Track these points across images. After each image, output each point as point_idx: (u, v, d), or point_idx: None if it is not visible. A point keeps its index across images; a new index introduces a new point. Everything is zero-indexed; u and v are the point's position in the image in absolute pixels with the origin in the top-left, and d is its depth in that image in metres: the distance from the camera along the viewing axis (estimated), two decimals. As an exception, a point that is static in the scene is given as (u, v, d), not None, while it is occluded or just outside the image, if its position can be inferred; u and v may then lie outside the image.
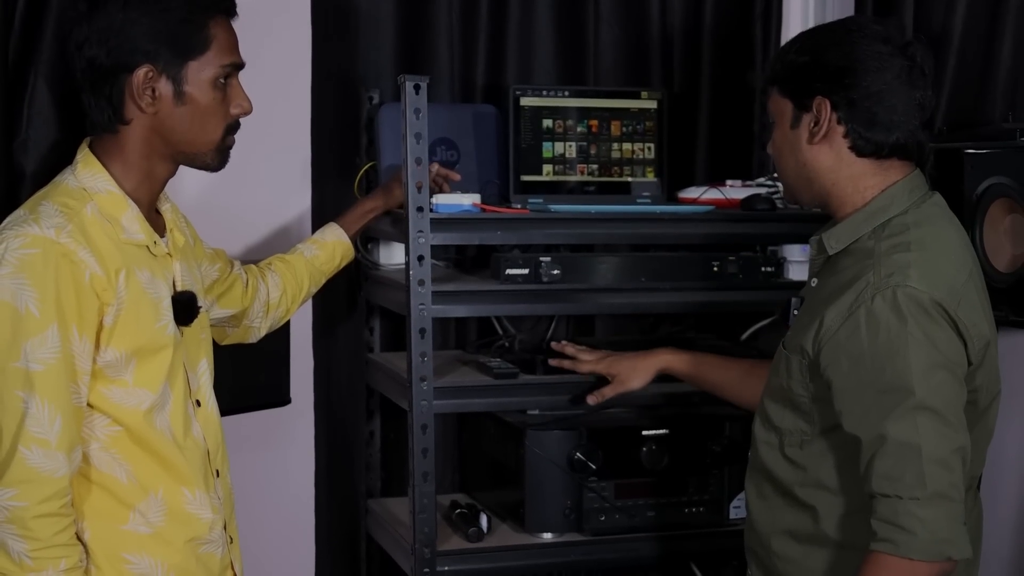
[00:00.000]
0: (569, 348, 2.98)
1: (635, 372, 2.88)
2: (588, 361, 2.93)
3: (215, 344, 2.50)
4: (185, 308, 2.30)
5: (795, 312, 2.39)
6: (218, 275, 2.65)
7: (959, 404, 2.11)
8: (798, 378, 2.26)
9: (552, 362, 2.97)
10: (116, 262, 2.18)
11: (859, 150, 2.24)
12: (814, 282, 2.33)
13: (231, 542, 2.40)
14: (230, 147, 2.33)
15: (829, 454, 2.24)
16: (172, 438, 2.26)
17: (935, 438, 2.06)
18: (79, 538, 2.19)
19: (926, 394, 2.07)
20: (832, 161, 2.26)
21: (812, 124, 2.26)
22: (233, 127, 2.32)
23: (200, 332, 2.38)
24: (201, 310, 2.36)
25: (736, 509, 3.09)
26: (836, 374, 2.16)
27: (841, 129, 2.24)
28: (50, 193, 2.22)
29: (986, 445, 2.31)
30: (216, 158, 2.31)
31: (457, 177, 3.01)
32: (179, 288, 2.31)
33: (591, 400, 2.92)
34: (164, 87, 2.23)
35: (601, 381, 2.93)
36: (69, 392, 2.13)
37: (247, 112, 2.32)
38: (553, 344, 3.01)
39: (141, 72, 2.21)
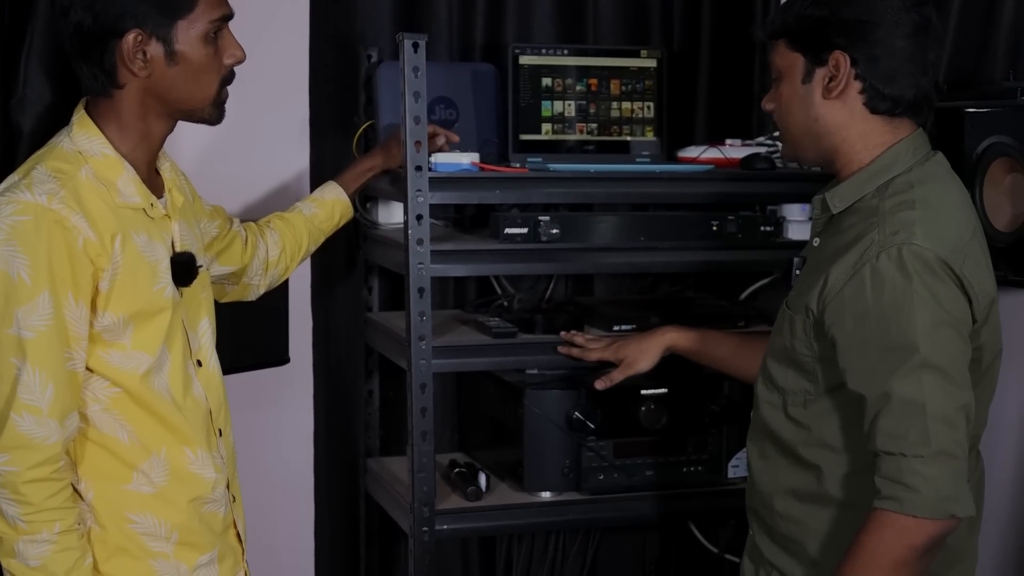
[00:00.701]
0: (579, 338, 2.97)
1: (642, 354, 2.88)
2: (596, 349, 2.92)
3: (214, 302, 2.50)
4: (184, 269, 2.29)
5: (797, 272, 2.39)
6: (217, 232, 2.64)
7: (964, 362, 2.11)
8: (802, 337, 2.26)
9: (560, 349, 2.95)
10: (111, 227, 2.17)
11: (873, 107, 2.23)
12: (816, 241, 2.32)
13: (233, 501, 2.41)
14: (226, 99, 2.31)
15: (833, 413, 2.24)
16: (171, 399, 2.26)
17: (940, 396, 2.06)
18: (82, 497, 2.20)
19: (931, 352, 2.07)
20: (844, 117, 2.24)
21: (828, 79, 2.23)
22: (228, 79, 2.30)
23: (201, 291, 2.38)
24: (201, 269, 2.36)
25: (734, 468, 3.10)
26: (840, 332, 2.16)
27: (857, 85, 2.22)
28: (44, 157, 2.21)
29: (988, 404, 2.31)
30: (214, 112, 2.30)
31: (455, 138, 3.00)
32: (178, 249, 2.30)
33: (599, 385, 2.91)
34: (155, 49, 2.21)
35: (608, 365, 2.93)
36: (63, 359, 2.13)
37: (240, 60, 2.30)
38: (563, 334, 2.98)
39: (130, 37, 2.19)
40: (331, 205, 2.91)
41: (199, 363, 2.35)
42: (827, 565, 2.22)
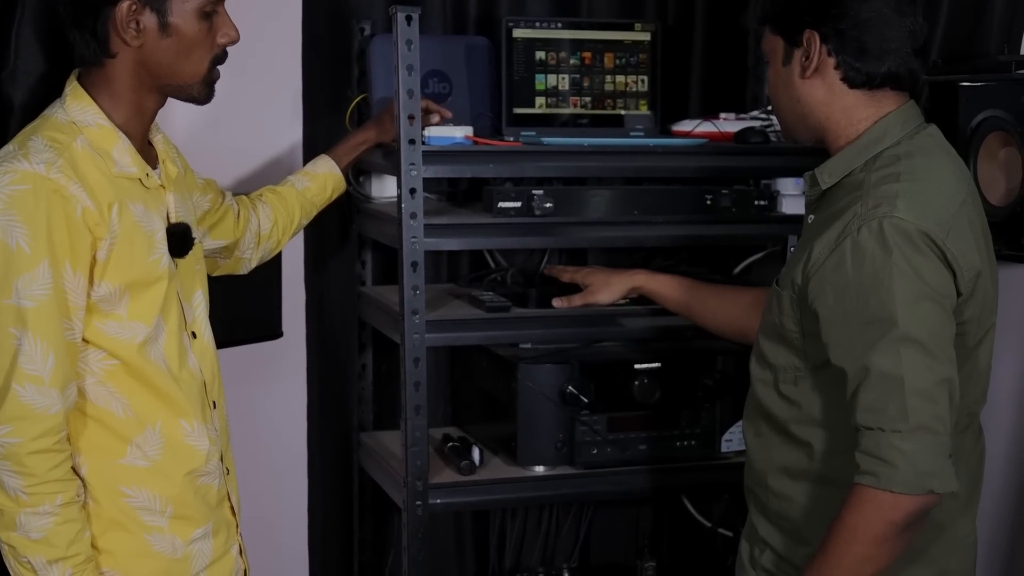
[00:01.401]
0: (557, 268, 3.03)
1: (607, 286, 2.93)
2: (569, 270, 2.98)
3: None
4: (179, 240, 2.30)
5: (791, 249, 2.40)
6: (210, 206, 2.64)
7: (946, 336, 2.11)
8: (789, 313, 2.26)
9: (545, 271, 2.99)
10: (108, 196, 2.17)
11: (851, 81, 2.24)
12: (810, 219, 2.32)
13: (227, 474, 2.42)
14: (216, 79, 2.31)
15: (821, 390, 2.24)
16: (167, 370, 2.26)
17: (919, 370, 2.06)
18: (77, 472, 2.21)
19: (910, 325, 2.06)
20: (825, 95, 2.25)
21: (803, 59, 2.25)
22: (220, 58, 2.30)
23: (195, 264, 2.38)
24: (195, 241, 2.36)
25: (727, 443, 3.11)
26: (822, 306, 2.16)
27: (832, 61, 2.23)
28: (39, 127, 2.21)
29: (984, 380, 2.30)
30: (203, 90, 2.30)
31: (448, 114, 2.99)
32: (173, 220, 2.31)
33: (556, 303, 2.94)
34: (148, 19, 2.21)
35: (574, 288, 2.97)
36: (62, 328, 2.13)
37: (234, 41, 2.30)
38: (545, 270, 3.03)
39: (124, 5, 2.19)
40: (323, 179, 2.91)
41: (193, 335, 2.35)
42: (815, 542, 2.21)
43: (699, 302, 2.81)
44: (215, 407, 2.38)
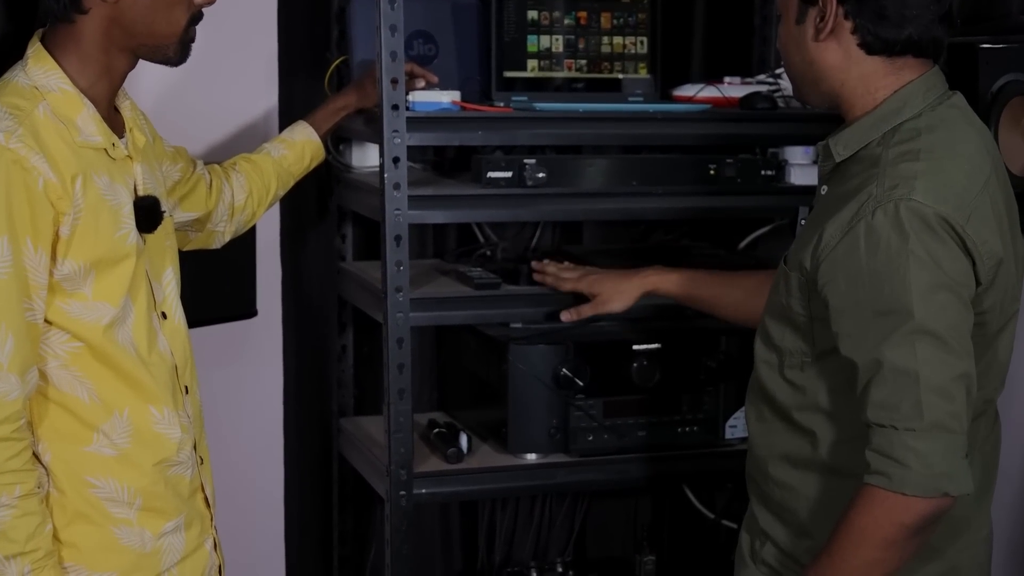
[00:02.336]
0: (551, 267, 2.99)
1: (618, 293, 2.90)
2: (570, 279, 2.94)
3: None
4: (148, 214, 2.29)
5: (802, 223, 2.38)
6: (180, 176, 2.64)
7: (964, 328, 2.09)
8: (797, 296, 2.25)
9: (536, 277, 2.98)
10: (72, 167, 2.16)
11: (869, 47, 2.21)
12: (824, 190, 2.30)
13: (201, 463, 2.41)
14: (192, 40, 2.32)
15: (827, 377, 2.24)
16: (136, 353, 2.26)
17: (935, 365, 2.05)
18: (39, 460, 2.21)
19: (926, 317, 2.05)
20: (840, 60, 2.23)
21: (817, 19, 2.22)
22: (197, 17, 2.30)
23: (164, 239, 2.38)
24: (165, 215, 2.36)
25: (732, 428, 3.12)
26: (833, 293, 2.15)
27: (848, 25, 2.20)
28: (-1, 93, 2.21)
29: (1004, 368, 2.29)
30: (178, 51, 2.30)
31: (434, 79, 2.99)
32: (140, 192, 2.30)
33: (565, 317, 2.93)
34: None
35: (581, 299, 2.95)
36: (22, 309, 2.12)
37: (212, 1, 2.31)
38: (533, 264, 3.01)
39: None
40: (301, 146, 2.91)
41: (163, 315, 2.35)
42: (819, 535, 2.22)
43: (718, 296, 2.78)
44: (187, 392, 2.37)
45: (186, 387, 2.37)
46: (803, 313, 2.25)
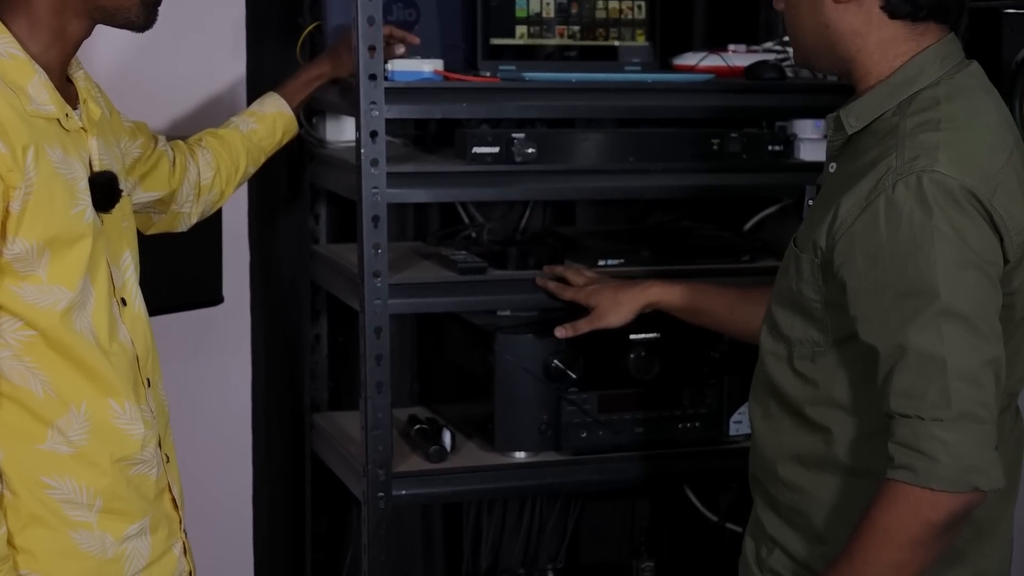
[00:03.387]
0: (570, 273, 2.99)
1: (615, 305, 2.90)
2: (570, 289, 2.95)
3: (139, 235, 2.49)
4: (105, 191, 2.28)
5: (810, 202, 2.37)
6: (140, 152, 2.63)
7: (992, 309, 2.09)
8: (809, 279, 2.25)
9: (538, 281, 2.98)
10: (23, 138, 2.14)
11: (893, 11, 2.20)
12: (832, 167, 2.30)
13: (167, 461, 2.40)
14: (159, 2, 2.31)
15: (844, 368, 2.23)
16: (95, 342, 2.24)
17: (963, 349, 2.04)
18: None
19: (953, 297, 2.05)
20: (860, 24, 2.22)
21: None
22: None
23: (122, 220, 2.37)
24: (123, 194, 2.36)
25: (736, 424, 3.13)
26: (851, 274, 2.15)
27: None
28: (-56, 59, 2.20)
29: None
30: (142, 13, 2.29)
31: (415, 40, 3.00)
32: (97, 168, 2.29)
33: (560, 333, 2.94)
34: None
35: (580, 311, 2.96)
36: (-31, 293, 2.13)
37: None
38: (546, 268, 3.01)
39: None
40: (272, 120, 2.92)
41: (123, 302, 2.34)
42: (835, 541, 2.22)
43: (727, 310, 2.77)
44: (149, 385, 2.37)
45: (148, 380, 2.37)
46: (815, 298, 2.24)
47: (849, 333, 2.19)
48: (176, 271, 3.04)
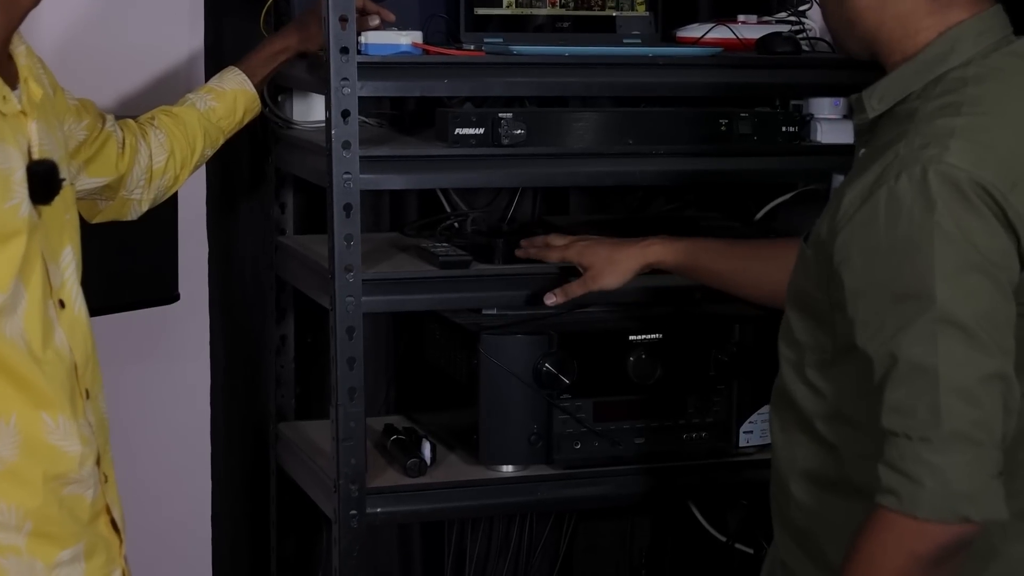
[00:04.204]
0: (539, 239, 2.99)
1: (611, 264, 2.89)
2: (557, 247, 2.94)
3: (83, 222, 2.47)
4: (44, 181, 2.27)
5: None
6: (86, 134, 2.62)
7: (999, 319, 2.06)
8: (815, 278, 2.23)
9: (518, 252, 2.98)
10: (-46, 123, 2.16)
11: None
12: (861, 152, 2.28)
13: (105, 481, 2.39)
14: None
15: (851, 379, 2.21)
16: (27, 349, 2.23)
17: (958, 361, 2.02)
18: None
19: (951, 303, 2.03)
20: None
21: None
22: None
23: (64, 212, 2.36)
24: (64, 184, 2.35)
25: (747, 435, 3.13)
26: (848, 271, 2.14)
27: None
28: None
29: None
30: None
31: (390, 17, 2.99)
32: (36, 156, 2.29)
33: (549, 300, 2.93)
34: None
35: (570, 275, 2.95)
36: None
37: None
38: (522, 241, 3.00)
39: None
40: (232, 97, 2.91)
41: (61, 304, 2.32)
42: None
43: (739, 270, 2.76)
44: (88, 397, 2.36)
45: (87, 390, 2.35)
46: (822, 299, 2.23)
47: (853, 339, 2.18)
48: (126, 265, 3.04)
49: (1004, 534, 2.18)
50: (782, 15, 3.34)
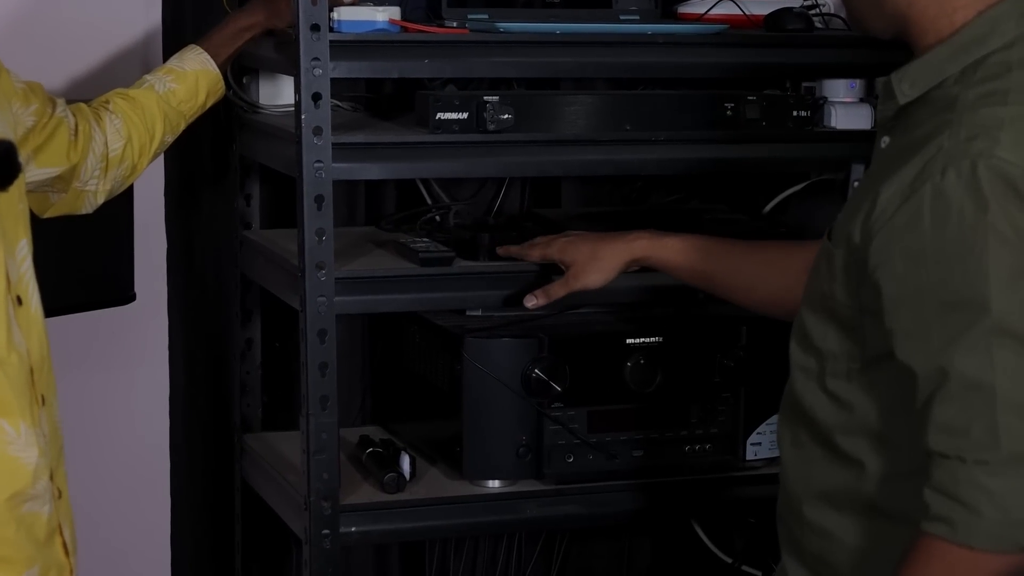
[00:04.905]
0: (514, 248, 2.99)
1: (595, 261, 2.89)
2: (538, 245, 2.94)
3: (33, 218, 2.46)
4: (1, 163, 2.28)
5: (855, 185, 2.36)
6: (34, 120, 2.61)
7: None
8: (842, 280, 2.22)
9: (499, 251, 2.98)
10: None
11: None
12: (885, 141, 2.28)
13: (59, 497, 2.38)
14: None
15: (881, 390, 2.21)
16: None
17: (1018, 376, 2.02)
18: None
19: (1009, 312, 2.02)
20: None
21: None
22: None
23: (18, 201, 2.36)
24: (22, 168, 2.35)
25: (755, 447, 3.13)
26: (888, 278, 2.12)
27: None
28: None
29: None
30: None
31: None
32: (-14, 138, 2.30)
33: (530, 303, 2.93)
34: None
35: (557, 273, 2.95)
36: None
37: None
38: (499, 250, 3.00)
39: None
40: (194, 78, 2.90)
41: (19, 300, 2.33)
42: None
43: (731, 271, 2.76)
44: (43, 404, 2.35)
45: (42, 397, 2.35)
46: (849, 304, 2.22)
47: (886, 350, 2.17)
48: (76, 262, 3.04)
49: None
50: (793, -11, 3.35)
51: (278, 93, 3.26)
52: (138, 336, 3.33)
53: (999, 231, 2.03)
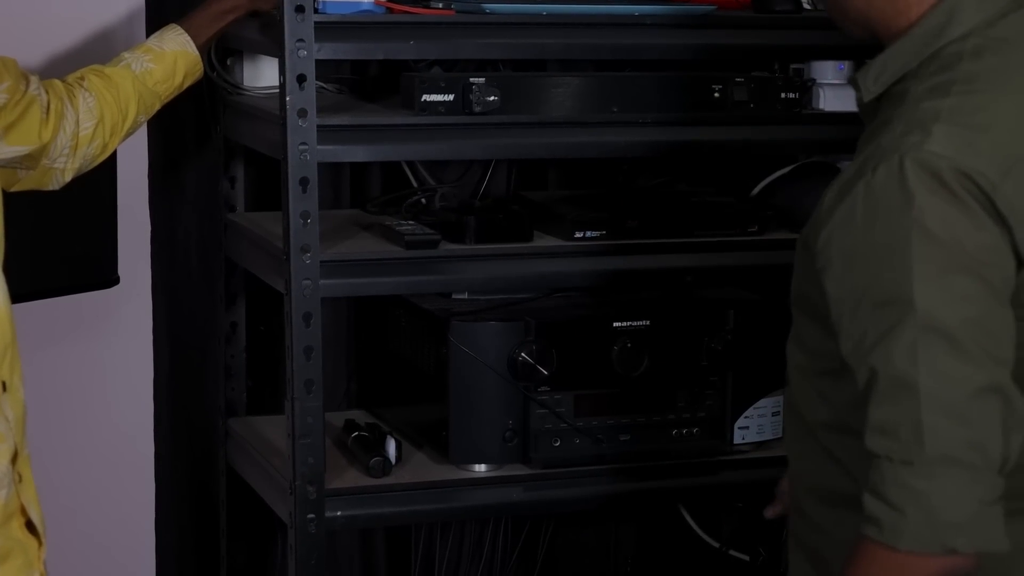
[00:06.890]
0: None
1: None
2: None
3: (12, 203, 2.46)
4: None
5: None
6: (6, 98, 2.59)
7: (993, 325, 2.03)
8: (811, 278, 2.20)
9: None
10: None
11: None
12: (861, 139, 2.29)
13: (20, 481, 2.39)
14: None
15: (854, 388, 2.18)
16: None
17: (943, 374, 2.00)
18: None
19: (933, 308, 2.00)
20: None
21: None
22: None
23: (-15, 181, 2.36)
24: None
25: (743, 431, 3.13)
26: (829, 278, 2.12)
27: None
28: None
29: None
30: None
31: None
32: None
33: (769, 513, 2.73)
34: None
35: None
36: None
37: None
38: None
39: None
40: (172, 59, 2.88)
41: (-18, 285, 2.32)
42: None
43: None
44: (5, 389, 2.35)
45: (3, 383, 2.35)
46: (822, 303, 2.21)
47: None
48: (59, 245, 3.04)
49: (1006, 568, 2.16)
50: (782, -31, 3.33)
51: (262, 75, 3.26)
52: (121, 320, 3.33)
53: (924, 226, 2.00)
